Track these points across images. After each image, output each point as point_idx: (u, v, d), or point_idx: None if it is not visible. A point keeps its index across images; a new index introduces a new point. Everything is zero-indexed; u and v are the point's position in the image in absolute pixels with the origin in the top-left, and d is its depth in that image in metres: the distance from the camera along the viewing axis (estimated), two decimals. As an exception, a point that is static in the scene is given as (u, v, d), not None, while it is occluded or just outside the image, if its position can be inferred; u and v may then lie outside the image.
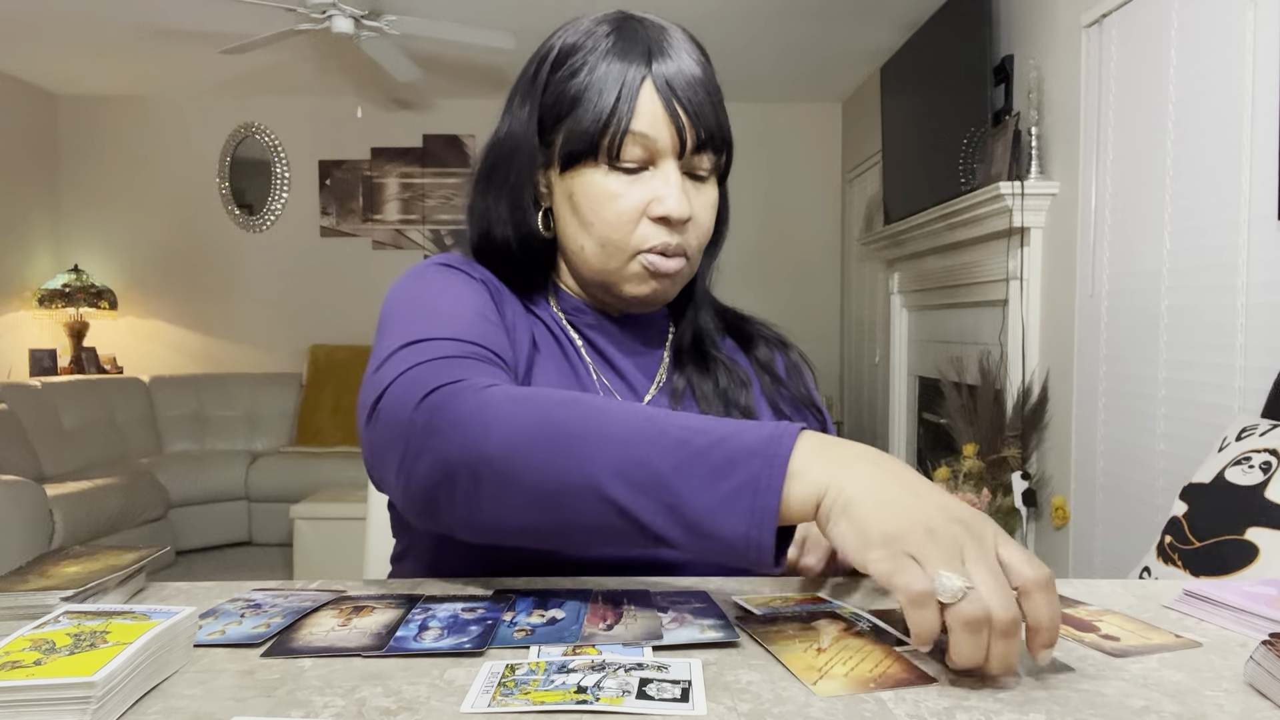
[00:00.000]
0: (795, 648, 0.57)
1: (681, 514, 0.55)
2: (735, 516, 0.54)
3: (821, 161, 5.30)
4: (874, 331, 4.61)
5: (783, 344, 0.96)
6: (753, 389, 0.89)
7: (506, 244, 0.84)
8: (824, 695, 0.50)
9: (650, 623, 0.60)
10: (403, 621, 0.61)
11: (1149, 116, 2.25)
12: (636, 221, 0.78)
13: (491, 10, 3.72)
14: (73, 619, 0.53)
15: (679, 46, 0.79)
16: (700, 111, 0.77)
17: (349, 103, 4.92)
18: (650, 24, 0.80)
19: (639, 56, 0.77)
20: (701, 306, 0.91)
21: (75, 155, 5.14)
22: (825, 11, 3.77)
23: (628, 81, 0.76)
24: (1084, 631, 0.60)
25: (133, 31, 4.04)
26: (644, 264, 0.79)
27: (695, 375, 0.88)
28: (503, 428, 0.60)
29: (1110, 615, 0.64)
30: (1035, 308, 2.84)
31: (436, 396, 0.63)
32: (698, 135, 0.77)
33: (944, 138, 3.29)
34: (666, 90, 0.76)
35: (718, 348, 0.90)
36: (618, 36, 0.78)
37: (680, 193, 0.77)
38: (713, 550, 0.55)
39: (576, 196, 0.79)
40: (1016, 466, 2.82)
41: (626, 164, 0.77)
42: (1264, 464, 1.33)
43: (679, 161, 0.78)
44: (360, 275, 5.20)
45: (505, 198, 0.83)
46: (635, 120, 0.76)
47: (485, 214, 0.84)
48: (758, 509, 0.54)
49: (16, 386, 4.00)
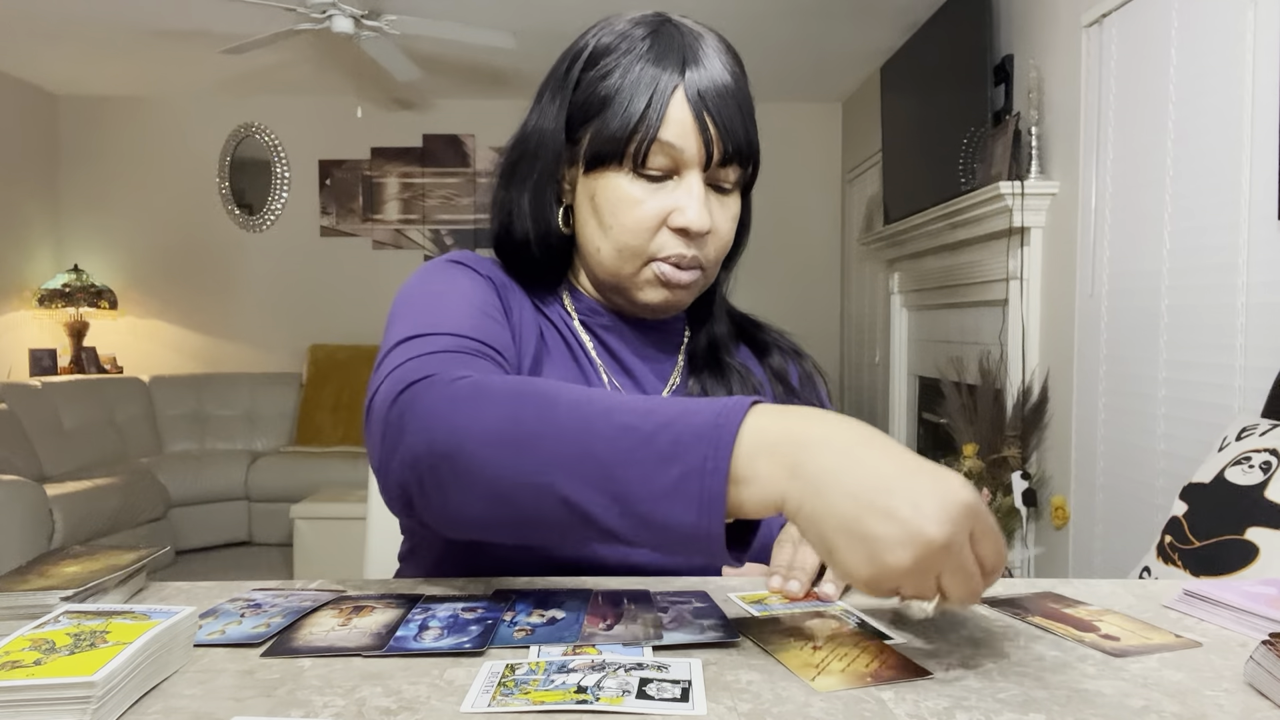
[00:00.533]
0: (792, 646, 0.57)
1: (630, 505, 0.53)
2: (683, 504, 0.52)
3: (821, 161, 5.30)
4: (874, 331, 4.61)
5: (797, 354, 0.96)
6: (766, 398, 0.89)
7: (525, 238, 0.84)
8: (823, 691, 0.50)
9: (650, 623, 0.60)
10: (403, 621, 0.61)
11: (1149, 116, 2.25)
12: (655, 230, 0.78)
13: (491, 10, 3.72)
14: (73, 619, 0.53)
15: (714, 56, 0.77)
16: (730, 124, 0.76)
17: (349, 103, 4.91)
18: (687, 30, 0.79)
19: (673, 64, 0.76)
20: (718, 314, 0.91)
21: (75, 155, 5.14)
22: (825, 11, 3.77)
23: (659, 89, 0.75)
24: (1084, 631, 0.60)
25: (133, 31, 4.04)
26: (657, 272, 0.79)
27: (709, 381, 0.88)
28: (464, 423, 0.59)
29: (1111, 615, 0.64)
30: (1035, 307, 2.84)
31: (409, 393, 0.62)
32: (725, 148, 0.77)
33: (944, 137, 3.29)
34: (698, 101, 0.75)
35: (732, 355, 0.90)
36: (654, 41, 0.77)
37: (702, 205, 0.77)
38: (666, 542, 0.54)
39: (598, 198, 0.79)
40: (1016, 466, 2.82)
41: (651, 171, 0.77)
42: (1264, 464, 1.33)
43: (704, 173, 0.77)
44: (360, 275, 5.20)
45: (528, 192, 0.83)
46: (664, 129, 0.75)
47: (507, 206, 0.84)
48: (706, 494, 0.51)
49: (16, 386, 4.00)
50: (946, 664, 0.54)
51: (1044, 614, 0.63)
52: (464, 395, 0.60)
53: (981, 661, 0.55)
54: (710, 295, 0.89)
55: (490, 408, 0.59)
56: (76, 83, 4.88)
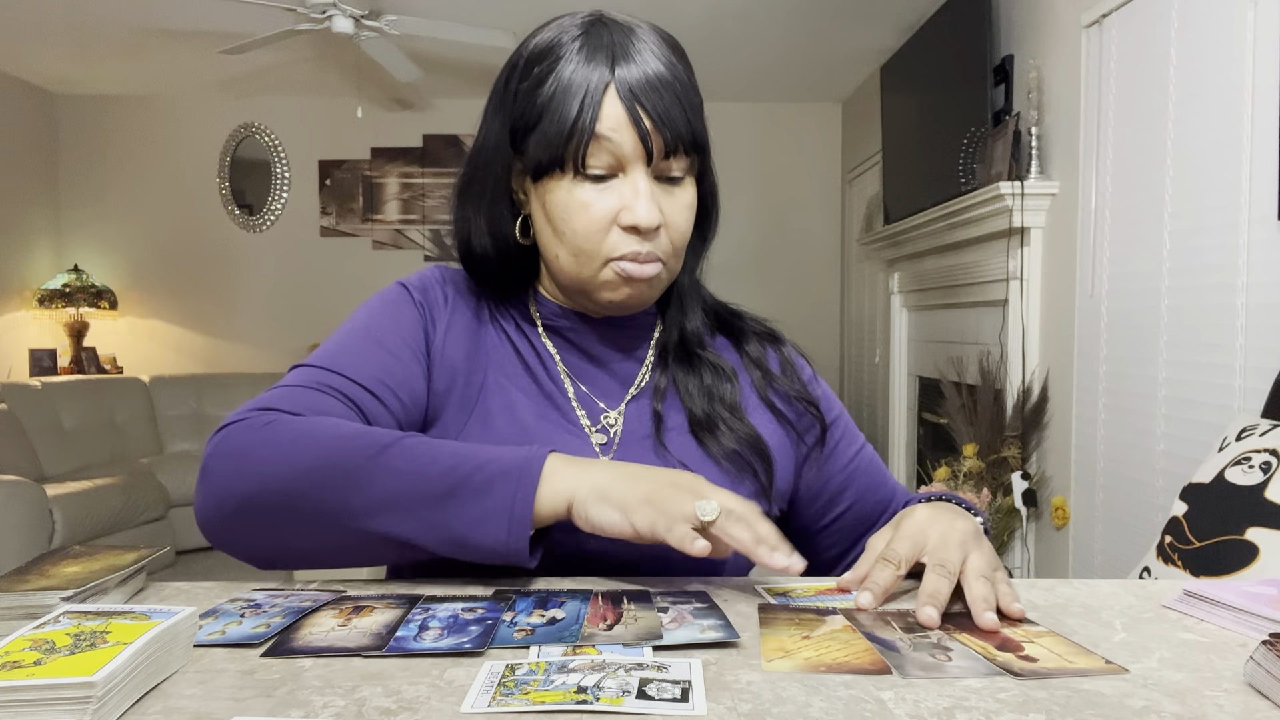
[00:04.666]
0: (782, 632, 0.58)
1: (449, 529, 0.66)
2: (496, 528, 0.66)
3: (821, 161, 5.30)
4: (874, 331, 4.61)
5: (775, 339, 0.95)
6: (740, 385, 0.88)
7: (485, 253, 0.84)
8: (769, 671, 0.52)
9: (650, 623, 0.60)
10: (403, 621, 0.61)
11: (1149, 116, 2.25)
12: (607, 230, 0.77)
13: (491, 10, 3.72)
14: (73, 619, 0.53)
15: (645, 49, 0.76)
16: (666, 116, 0.75)
17: (349, 103, 4.92)
18: (617, 26, 0.78)
19: (602, 62, 0.75)
20: (689, 304, 0.90)
21: (75, 155, 5.14)
22: (825, 11, 3.77)
23: (590, 89, 0.74)
24: (1002, 650, 0.57)
25: (133, 31, 4.04)
26: (617, 271, 0.78)
27: (680, 373, 0.87)
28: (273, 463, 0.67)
29: (1049, 637, 0.60)
30: (1035, 308, 2.84)
31: (223, 433, 0.69)
32: (665, 140, 0.76)
33: (944, 138, 3.29)
34: (629, 96, 0.74)
35: (704, 347, 0.89)
36: (584, 41, 0.76)
37: (649, 200, 0.76)
38: (474, 557, 0.67)
39: (549, 206, 0.79)
40: (1016, 466, 2.82)
41: (594, 173, 0.76)
42: (1264, 464, 1.33)
43: (649, 167, 0.77)
44: (360, 275, 5.20)
45: (482, 209, 0.83)
46: (599, 128, 0.74)
47: (465, 225, 0.85)
48: (515, 519, 0.66)
49: (16, 386, 4.00)
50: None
51: (969, 630, 0.61)
52: (279, 438, 0.68)
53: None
54: (680, 285, 0.88)
55: (308, 449, 0.67)
56: (76, 82, 4.89)
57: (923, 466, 3.60)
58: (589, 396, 0.85)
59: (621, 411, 0.85)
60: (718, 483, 0.79)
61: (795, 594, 0.70)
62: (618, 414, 0.85)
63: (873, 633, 0.60)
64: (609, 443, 0.83)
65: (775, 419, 0.88)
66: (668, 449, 0.83)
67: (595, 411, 0.85)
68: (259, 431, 0.69)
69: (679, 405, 0.86)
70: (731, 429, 0.84)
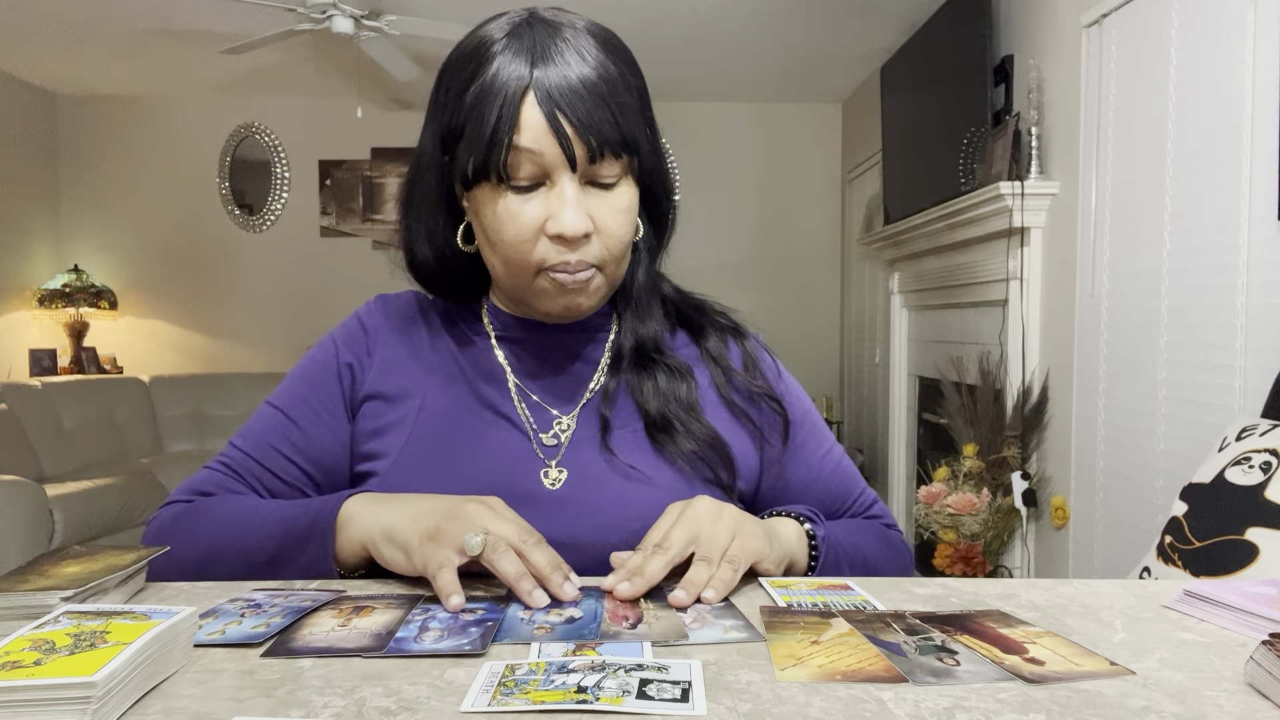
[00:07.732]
0: (791, 637, 0.57)
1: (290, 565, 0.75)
2: (316, 573, 0.74)
3: (821, 162, 5.30)
4: (874, 331, 4.61)
5: (738, 332, 0.92)
6: (697, 384, 0.85)
7: (427, 263, 0.85)
8: (784, 681, 0.51)
9: (674, 622, 0.61)
10: (403, 622, 0.61)
11: (1149, 117, 2.25)
12: (535, 240, 0.75)
13: (491, 10, 3.71)
14: (73, 619, 0.53)
15: (568, 49, 0.73)
16: (589, 120, 0.71)
17: (349, 103, 4.91)
18: (544, 25, 0.74)
19: (522, 65, 0.72)
20: (644, 308, 0.87)
21: (75, 155, 5.14)
22: (825, 11, 3.77)
23: (509, 96, 0.71)
24: (1009, 653, 0.57)
25: (133, 31, 4.04)
26: (549, 280, 0.76)
27: (633, 376, 0.85)
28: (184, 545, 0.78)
29: (1049, 638, 0.60)
30: (1035, 308, 2.84)
31: (157, 517, 0.83)
32: (589, 146, 0.72)
33: (944, 138, 3.29)
34: (548, 101, 0.71)
35: (660, 351, 0.86)
36: (507, 43, 0.73)
37: (575, 208, 0.73)
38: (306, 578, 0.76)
39: (481, 216, 0.77)
40: (1016, 466, 2.82)
41: (520, 182, 0.73)
42: (1264, 464, 1.33)
43: (575, 174, 0.73)
44: (360, 275, 5.20)
45: (423, 218, 0.83)
46: (518, 136, 0.71)
47: (408, 235, 0.85)
48: (323, 573, 0.73)
49: (16, 386, 3.99)
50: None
51: (970, 632, 0.60)
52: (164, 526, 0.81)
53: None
54: (634, 286, 0.86)
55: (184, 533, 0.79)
56: (76, 83, 4.88)
57: (923, 466, 3.60)
58: (540, 405, 0.84)
59: (574, 417, 0.84)
60: (675, 484, 0.79)
61: (799, 588, 0.70)
62: (570, 419, 0.84)
63: (875, 635, 0.60)
64: (558, 447, 0.82)
65: (735, 417, 0.86)
66: (614, 453, 0.81)
67: (547, 419, 0.84)
68: (178, 519, 0.81)
69: (634, 409, 0.84)
70: (689, 429, 0.82)
